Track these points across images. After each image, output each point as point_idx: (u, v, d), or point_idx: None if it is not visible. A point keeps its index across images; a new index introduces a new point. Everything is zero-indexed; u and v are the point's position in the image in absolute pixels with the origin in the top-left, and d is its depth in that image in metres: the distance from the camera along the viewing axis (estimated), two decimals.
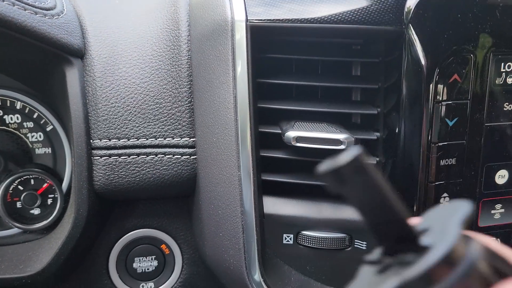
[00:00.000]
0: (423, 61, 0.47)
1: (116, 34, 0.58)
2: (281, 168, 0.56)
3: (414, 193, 0.50)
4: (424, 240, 0.22)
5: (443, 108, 0.48)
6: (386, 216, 0.21)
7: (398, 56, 0.49)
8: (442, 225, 0.22)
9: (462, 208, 0.23)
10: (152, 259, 0.63)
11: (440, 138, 0.48)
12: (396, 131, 0.51)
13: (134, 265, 0.62)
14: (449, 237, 0.20)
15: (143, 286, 0.63)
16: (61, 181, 0.64)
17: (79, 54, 0.57)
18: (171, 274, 0.63)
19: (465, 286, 0.20)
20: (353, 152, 0.20)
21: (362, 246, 0.55)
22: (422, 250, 0.21)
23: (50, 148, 0.67)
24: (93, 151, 0.56)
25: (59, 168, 0.67)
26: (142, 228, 0.62)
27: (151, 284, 0.63)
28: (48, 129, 0.67)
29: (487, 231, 0.53)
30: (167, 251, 0.63)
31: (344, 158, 0.20)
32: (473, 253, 0.20)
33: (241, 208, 0.52)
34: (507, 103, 0.50)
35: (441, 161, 0.49)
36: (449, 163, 0.49)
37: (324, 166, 0.20)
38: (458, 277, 0.20)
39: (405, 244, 0.22)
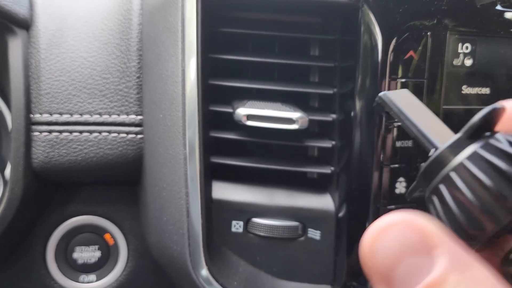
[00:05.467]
0: (378, 36, 0.45)
1: (66, 8, 0.55)
2: (234, 152, 0.53)
3: (369, 176, 0.47)
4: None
5: (399, 86, 0.46)
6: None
7: (355, 35, 0.47)
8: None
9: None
10: (95, 249, 0.58)
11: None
12: (352, 112, 0.48)
13: (75, 255, 0.58)
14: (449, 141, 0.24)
15: (83, 278, 0.58)
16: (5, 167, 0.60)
17: (25, 24, 0.54)
18: (115, 266, 0.59)
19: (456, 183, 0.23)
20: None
21: (316, 236, 0.52)
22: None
23: None
24: (32, 126, 0.52)
25: (4, 154, 0.63)
26: (84, 215, 0.57)
27: (92, 276, 0.58)
28: None
29: None
30: (111, 241, 0.59)
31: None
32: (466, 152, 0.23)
33: (186, 190, 0.48)
34: (465, 86, 0.48)
35: (396, 142, 0.47)
36: (406, 145, 0.47)
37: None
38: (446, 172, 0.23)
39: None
